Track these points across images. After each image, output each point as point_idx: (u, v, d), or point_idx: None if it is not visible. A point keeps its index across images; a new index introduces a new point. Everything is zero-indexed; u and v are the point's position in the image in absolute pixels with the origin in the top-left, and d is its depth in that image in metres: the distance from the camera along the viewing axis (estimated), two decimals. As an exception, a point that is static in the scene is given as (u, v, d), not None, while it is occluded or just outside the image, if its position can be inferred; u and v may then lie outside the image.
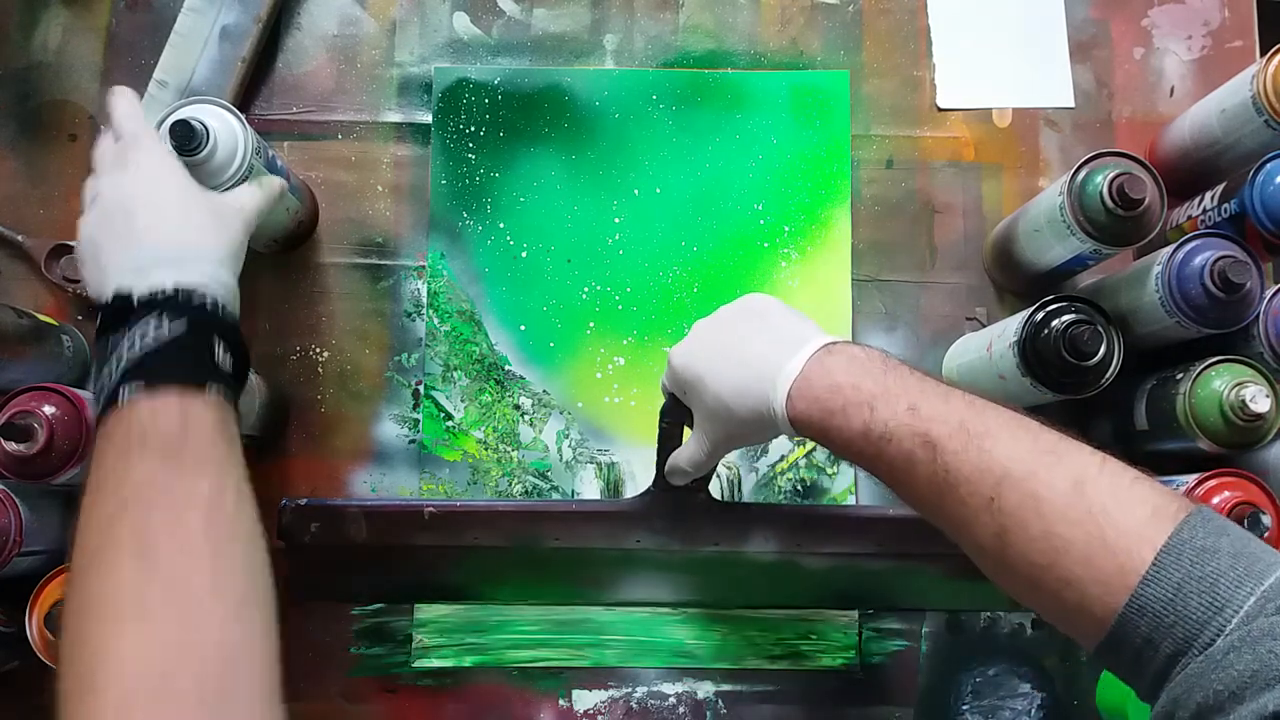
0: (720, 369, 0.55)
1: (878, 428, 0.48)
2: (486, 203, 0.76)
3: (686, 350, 0.57)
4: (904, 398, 0.48)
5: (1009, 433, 0.45)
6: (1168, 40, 0.79)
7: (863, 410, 0.48)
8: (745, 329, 0.55)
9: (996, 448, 0.45)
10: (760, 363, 0.53)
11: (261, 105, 0.77)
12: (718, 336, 0.56)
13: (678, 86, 0.77)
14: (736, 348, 0.55)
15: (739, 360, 0.54)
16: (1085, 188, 0.62)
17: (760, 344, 0.53)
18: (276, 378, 0.73)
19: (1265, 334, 0.62)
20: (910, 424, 0.47)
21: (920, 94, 0.78)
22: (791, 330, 0.54)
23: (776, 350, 0.52)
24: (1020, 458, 0.44)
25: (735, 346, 0.55)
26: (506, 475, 0.73)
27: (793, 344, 0.52)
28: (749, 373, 0.53)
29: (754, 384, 0.52)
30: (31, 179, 0.75)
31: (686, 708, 0.71)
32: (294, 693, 0.70)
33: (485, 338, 0.75)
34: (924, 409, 0.47)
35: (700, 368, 0.56)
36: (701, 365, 0.56)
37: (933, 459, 0.46)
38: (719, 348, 0.56)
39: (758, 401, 0.52)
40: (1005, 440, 0.45)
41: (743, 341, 0.55)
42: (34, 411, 0.60)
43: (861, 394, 0.49)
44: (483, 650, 0.71)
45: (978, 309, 0.76)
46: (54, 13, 0.77)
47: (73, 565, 0.44)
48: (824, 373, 0.50)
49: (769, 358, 0.52)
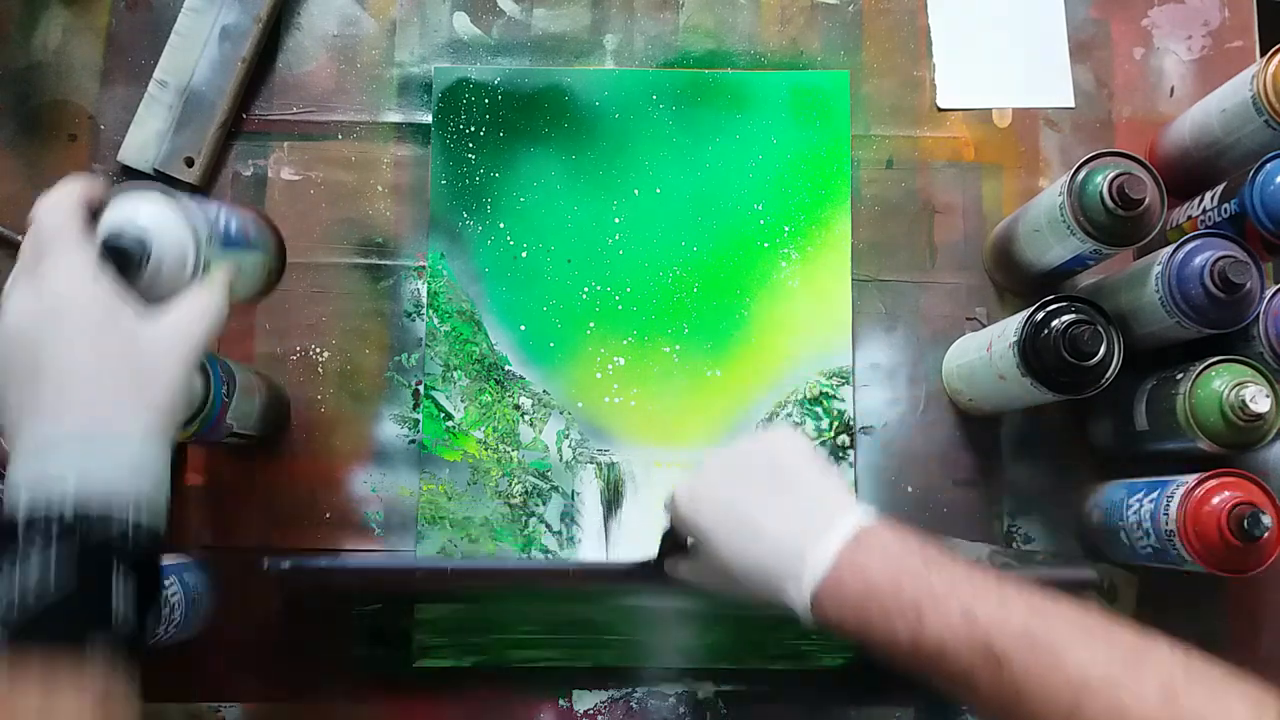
0: (732, 537, 0.48)
1: (930, 642, 0.43)
2: (486, 203, 0.76)
3: (695, 496, 0.51)
4: (954, 600, 0.43)
5: (1081, 636, 0.41)
6: (1168, 40, 0.79)
7: (907, 618, 0.43)
8: (764, 493, 0.49)
9: (1070, 655, 0.40)
10: (780, 544, 0.47)
11: (261, 105, 0.77)
12: (732, 491, 0.50)
13: (678, 86, 0.77)
14: (753, 516, 0.48)
15: (754, 533, 0.48)
16: (1085, 188, 0.62)
17: (781, 520, 0.47)
18: (276, 378, 0.73)
19: (1265, 334, 0.62)
20: (967, 634, 0.42)
21: (920, 94, 0.78)
22: (817, 504, 0.48)
23: (800, 532, 0.47)
24: (1098, 665, 0.40)
25: (752, 514, 0.49)
26: (506, 475, 0.73)
27: (819, 526, 0.46)
28: (765, 552, 0.47)
29: (771, 568, 0.47)
30: (31, 179, 0.75)
31: (686, 708, 0.71)
32: (294, 693, 0.71)
33: (485, 338, 0.75)
34: (980, 614, 0.42)
35: (708, 525, 0.50)
36: (709, 524, 0.50)
37: (997, 673, 0.41)
38: (732, 509, 0.49)
39: (774, 590, 0.47)
40: (1078, 646, 0.41)
41: (761, 510, 0.48)
42: (34, 412, 0.59)
43: (904, 599, 0.43)
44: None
45: (978, 309, 0.76)
46: (54, 13, 0.77)
47: None
48: (857, 571, 0.45)
49: (791, 541, 0.47)
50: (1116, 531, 0.67)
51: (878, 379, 0.75)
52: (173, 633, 0.63)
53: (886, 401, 0.75)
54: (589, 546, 0.73)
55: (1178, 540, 0.61)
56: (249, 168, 0.76)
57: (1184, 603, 0.71)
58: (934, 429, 0.74)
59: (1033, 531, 0.73)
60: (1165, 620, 0.70)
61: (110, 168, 0.75)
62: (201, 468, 0.72)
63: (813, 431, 0.74)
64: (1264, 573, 0.61)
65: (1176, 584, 0.70)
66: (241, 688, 0.70)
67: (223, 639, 0.70)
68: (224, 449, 0.72)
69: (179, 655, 0.69)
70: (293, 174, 0.76)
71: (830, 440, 0.74)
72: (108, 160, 0.75)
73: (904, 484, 0.74)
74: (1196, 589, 0.70)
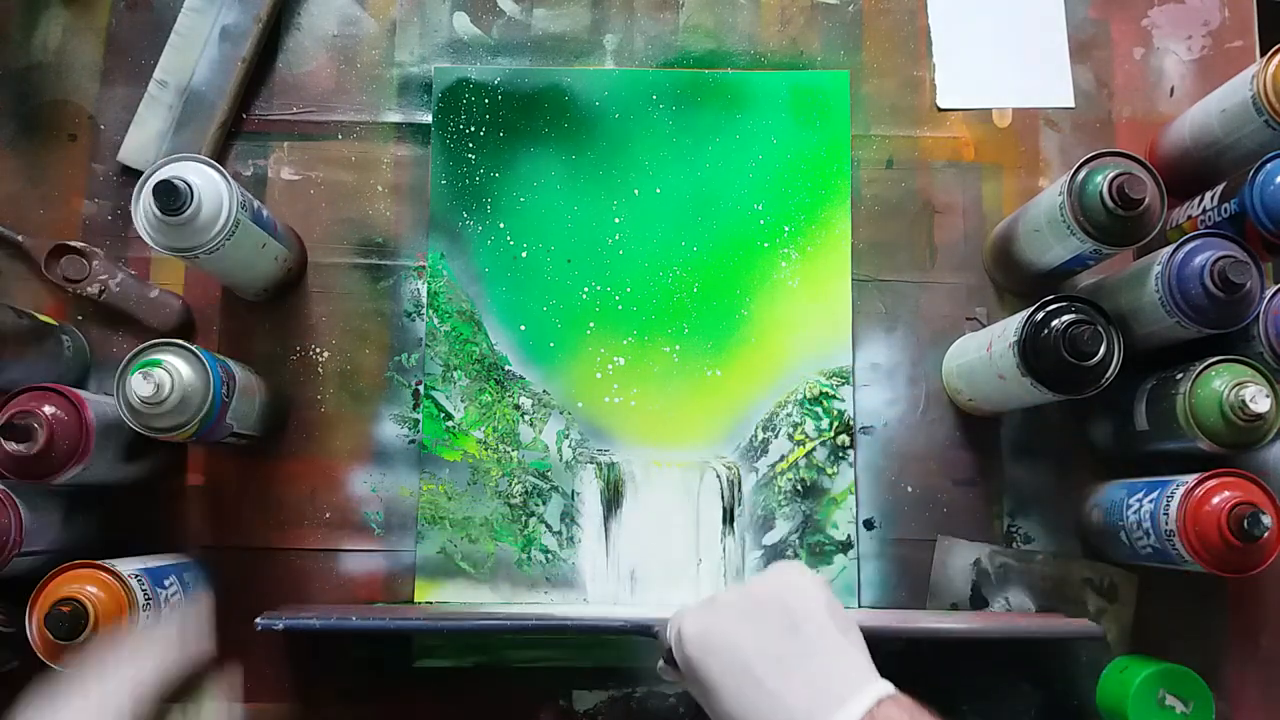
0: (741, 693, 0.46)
1: None
2: (486, 203, 0.76)
3: (702, 639, 0.49)
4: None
5: None
6: (1168, 40, 0.79)
7: None
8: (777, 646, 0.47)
9: None
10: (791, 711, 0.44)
11: (261, 105, 0.77)
12: (746, 643, 0.47)
13: (678, 86, 0.77)
14: (762, 674, 0.46)
15: (764, 694, 0.45)
16: (1085, 188, 0.62)
17: (793, 684, 0.45)
18: (276, 378, 0.73)
19: (1265, 334, 0.62)
20: None
21: (920, 94, 0.78)
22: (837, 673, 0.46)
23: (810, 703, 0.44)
24: None
25: (761, 672, 0.46)
26: (506, 475, 0.73)
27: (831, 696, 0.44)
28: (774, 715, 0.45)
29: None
30: (31, 179, 0.75)
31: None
32: (294, 693, 0.71)
33: (485, 338, 0.75)
34: None
35: (717, 677, 0.47)
36: (718, 675, 0.47)
37: None
38: (741, 661, 0.47)
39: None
40: None
41: (772, 668, 0.46)
42: (34, 411, 0.60)
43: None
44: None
45: (978, 309, 0.76)
46: (54, 13, 0.77)
47: None
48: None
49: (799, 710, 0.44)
50: (1116, 531, 0.67)
51: (878, 379, 0.75)
52: (173, 633, 0.63)
53: (886, 401, 0.75)
54: (589, 546, 0.73)
55: (1178, 540, 0.61)
56: (249, 168, 0.76)
57: (1184, 603, 0.71)
58: (934, 429, 0.74)
59: (1032, 531, 0.73)
60: (1165, 620, 0.71)
61: (110, 168, 0.75)
62: (201, 468, 0.72)
63: (813, 432, 0.74)
64: (1264, 573, 0.61)
65: (1176, 584, 0.70)
66: (241, 687, 0.70)
67: (223, 639, 0.70)
68: (224, 449, 0.72)
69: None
70: (293, 174, 0.76)
71: (830, 440, 0.74)
72: (108, 160, 0.75)
73: (904, 484, 0.74)
74: (1196, 589, 0.70)
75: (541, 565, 0.72)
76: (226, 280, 0.72)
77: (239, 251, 0.64)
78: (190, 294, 0.74)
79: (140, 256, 0.74)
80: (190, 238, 0.61)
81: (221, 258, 0.63)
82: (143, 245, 0.68)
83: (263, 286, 0.72)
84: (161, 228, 0.61)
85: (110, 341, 0.73)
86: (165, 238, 0.61)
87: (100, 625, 0.57)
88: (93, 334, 0.73)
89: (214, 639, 0.67)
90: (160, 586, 0.62)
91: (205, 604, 0.56)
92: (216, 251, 0.62)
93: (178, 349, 0.61)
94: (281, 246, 0.70)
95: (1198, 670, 0.65)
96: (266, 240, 0.67)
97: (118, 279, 0.73)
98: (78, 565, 0.59)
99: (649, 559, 0.72)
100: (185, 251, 0.61)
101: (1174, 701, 0.64)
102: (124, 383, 0.59)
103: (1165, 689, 0.64)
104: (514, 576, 0.72)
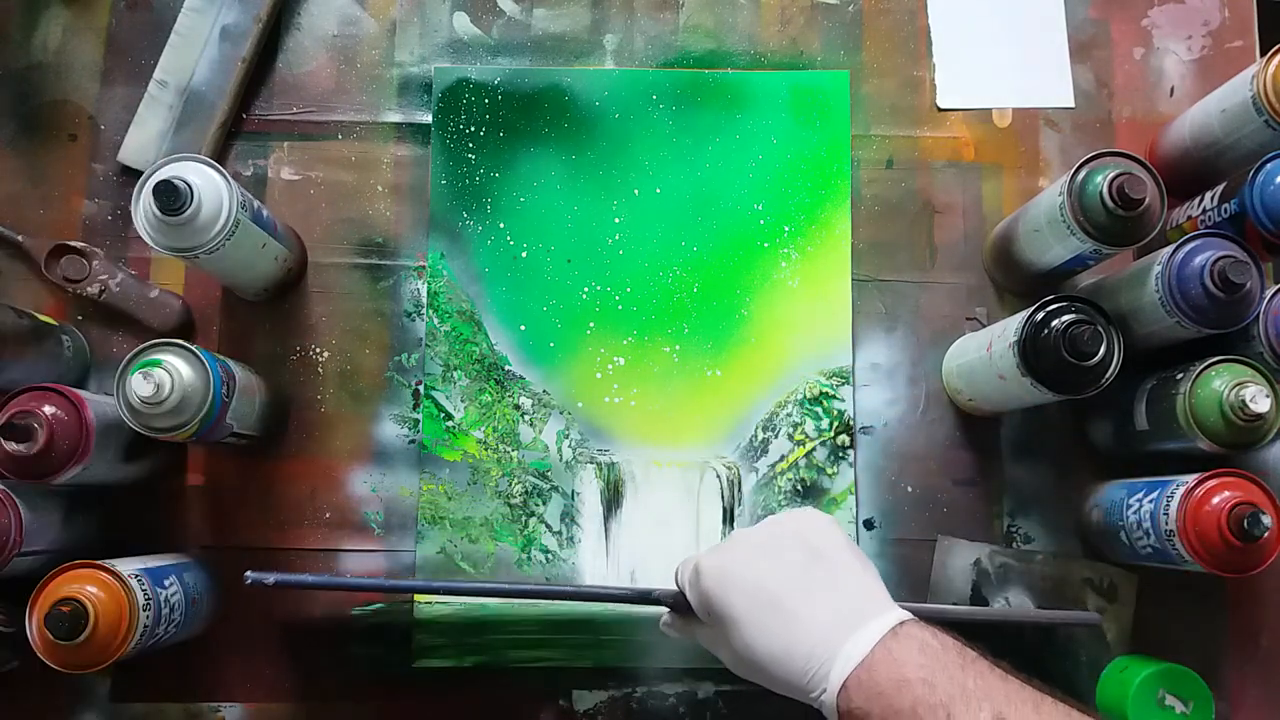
0: (760, 620, 0.47)
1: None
2: (486, 203, 0.76)
3: (725, 576, 0.49)
4: (987, 702, 0.42)
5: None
6: (1168, 40, 0.79)
7: (937, 714, 0.42)
8: (799, 574, 0.47)
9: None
10: (812, 632, 0.45)
11: (261, 105, 0.77)
12: (762, 569, 0.48)
13: (678, 86, 0.77)
14: (784, 599, 0.47)
15: (786, 617, 0.46)
16: (1085, 188, 0.62)
17: (816, 606, 0.46)
18: (276, 378, 0.73)
19: (1265, 334, 0.62)
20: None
21: (920, 94, 0.78)
22: (855, 592, 0.47)
23: (835, 620, 0.45)
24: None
25: (783, 596, 0.47)
26: (506, 475, 0.73)
27: (855, 615, 0.45)
28: (794, 639, 0.46)
29: (800, 654, 0.45)
30: (32, 179, 0.75)
31: (686, 708, 0.71)
32: (294, 693, 0.71)
33: (485, 338, 0.75)
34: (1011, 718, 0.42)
35: (735, 606, 0.48)
36: (737, 603, 0.48)
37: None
38: (762, 588, 0.48)
39: (798, 675, 0.45)
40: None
41: (795, 593, 0.47)
42: (34, 411, 0.60)
43: (936, 694, 0.42)
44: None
45: (978, 309, 0.76)
46: (54, 13, 0.77)
47: None
48: (891, 663, 0.44)
49: (823, 628, 0.45)
50: (1116, 531, 0.67)
51: (878, 379, 0.75)
52: (173, 633, 0.63)
53: (886, 401, 0.75)
54: (589, 546, 0.73)
55: (1178, 540, 0.61)
56: (249, 168, 0.76)
57: (1184, 603, 0.71)
58: (934, 429, 0.74)
59: (1032, 531, 0.73)
60: (1165, 620, 0.71)
61: (110, 168, 0.75)
62: (201, 468, 0.72)
63: (813, 432, 0.74)
64: (1264, 573, 0.61)
65: (1176, 584, 0.70)
66: (241, 688, 0.70)
67: (223, 639, 0.70)
68: (224, 449, 0.72)
69: (179, 655, 0.69)
70: (293, 174, 0.76)
71: (830, 440, 0.74)
72: (108, 160, 0.75)
73: (904, 484, 0.74)
74: (1196, 589, 0.70)
75: (541, 565, 0.72)
76: (226, 280, 0.72)
77: (239, 251, 0.64)
78: (190, 294, 0.74)
79: (140, 256, 0.74)
80: (190, 238, 0.61)
81: (221, 258, 0.63)
82: (143, 245, 0.68)
83: (263, 286, 0.72)
84: (161, 228, 0.61)
85: (110, 341, 0.73)
86: (165, 238, 0.61)
87: (100, 625, 0.57)
88: (93, 334, 0.73)
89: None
90: (160, 586, 0.62)
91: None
92: (216, 251, 0.62)
93: (178, 349, 0.61)
94: (281, 246, 0.70)
95: (1198, 670, 0.65)
96: (266, 240, 0.67)
97: (118, 279, 0.73)
98: (78, 565, 0.59)
99: (649, 559, 0.72)
100: (185, 251, 0.62)
101: (1174, 701, 0.64)
102: (124, 383, 0.59)
103: (1165, 689, 0.64)
104: (514, 576, 0.72)
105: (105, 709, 0.69)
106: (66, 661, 0.58)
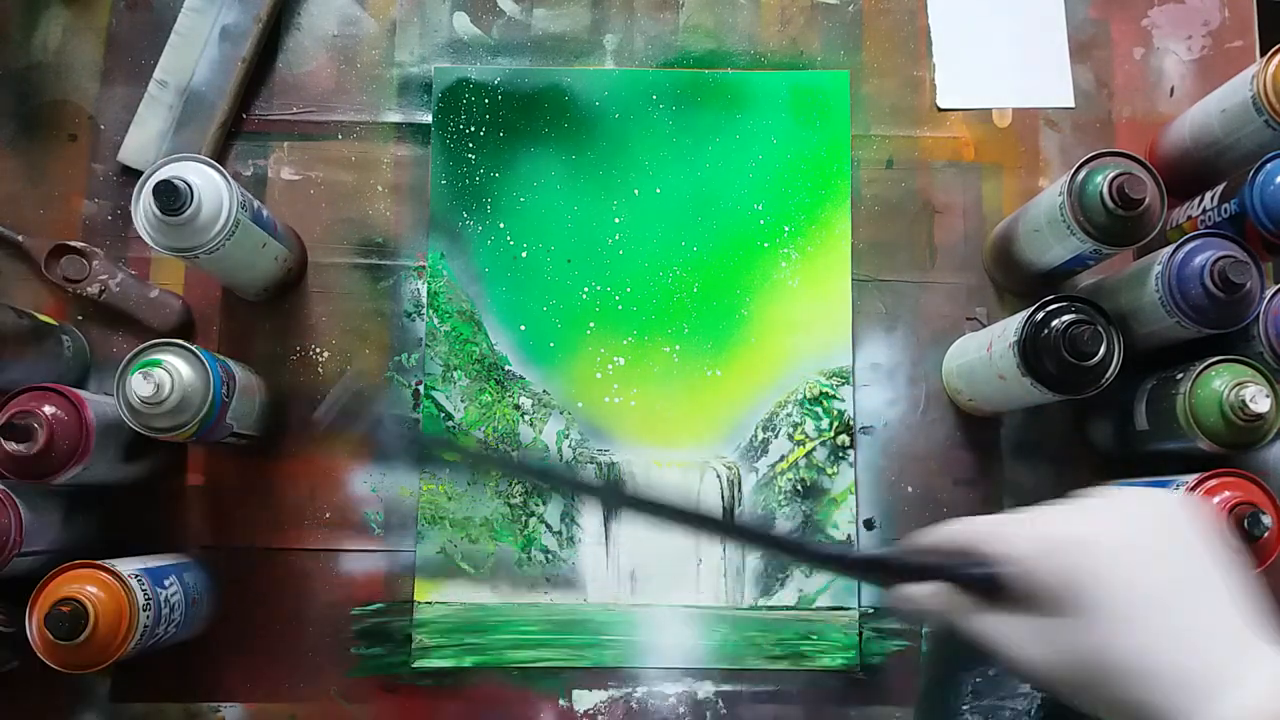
0: (1144, 622, 0.38)
1: None
2: (486, 203, 0.76)
3: (1113, 556, 0.39)
4: None
5: None
6: (1168, 40, 0.79)
7: None
8: (1200, 574, 0.39)
9: None
10: (1212, 643, 0.37)
11: (261, 105, 0.77)
12: (1154, 562, 0.39)
13: (678, 86, 0.77)
14: (1175, 605, 0.38)
15: (1175, 627, 0.38)
16: (1085, 188, 0.62)
17: (1220, 617, 0.38)
18: (276, 378, 0.73)
19: (1265, 334, 0.62)
20: None
21: (920, 94, 0.78)
22: (1242, 614, 0.38)
23: (1240, 638, 0.37)
24: None
25: (1175, 602, 0.38)
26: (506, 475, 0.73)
27: (1250, 644, 0.37)
28: (1192, 647, 0.37)
29: (1193, 669, 0.37)
30: (31, 179, 0.75)
31: (686, 708, 0.71)
32: (294, 693, 0.71)
33: (485, 338, 0.75)
34: None
35: (1103, 593, 0.38)
36: (1107, 591, 0.38)
37: None
38: (1156, 584, 0.38)
39: (1175, 689, 0.37)
40: None
41: (1186, 600, 0.38)
42: (34, 411, 0.60)
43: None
44: (483, 650, 0.71)
45: (978, 309, 0.76)
46: (54, 13, 0.77)
47: None
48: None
49: (1228, 644, 0.37)
50: (1116, 531, 0.67)
51: (878, 379, 0.75)
52: (173, 632, 0.63)
53: (886, 401, 0.75)
54: (589, 546, 0.73)
55: (1178, 540, 0.61)
56: (249, 168, 0.76)
57: (1184, 603, 0.71)
58: (934, 429, 0.74)
59: (1033, 531, 0.73)
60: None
61: (110, 168, 0.75)
62: (201, 468, 0.72)
63: (813, 432, 0.74)
64: (1264, 572, 0.61)
65: (1176, 584, 0.70)
66: (241, 688, 0.70)
67: (223, 639, 0.70)
68: (224, 449, 0.72)
69: (179, 655, 0.69)
70: (293, 174, 0.76)
71: (830, 440, 0.74)
72: (108, 160, 0.75)
73: (904, 484, 0.74)
74: (1196, 589, 0.70)
75: (541, 565, 0.72)
76: (226, 280, 0.72)
77: (239, 251, 0.65)
78: (190, 294, 0.74)
79: (140, 256, 0.74)
80: (190, 238, 0.61)
81: (221, 258, 0.63)
82: (143, 245, 0.68)
83: (263, 286, 0.72)
84: (161, 228, 0.61)
85: (110, 341, 0.73)
86: (165, 238, 0.61)
87: (100, 625, 0.57)
88: (93, 334, 0.73)
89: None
90: (160, 586, 0.62)
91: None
92: (216, 251, 0.62)
93: (178, 349, 0.61)
94: (281, 246, 0.70)
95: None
96: (266, 240, 0.67)
97: (118, 279, 0.73)
98: (78, 565, 0.59)
99: (649, 559, 0.72)
100: (185, 251, 0.62)
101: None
102: (124, 383, 0.59)
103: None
104: (514, 576, 0.72)
105: (105, 709, 0.70)
106: (66, 661, 0.58)
